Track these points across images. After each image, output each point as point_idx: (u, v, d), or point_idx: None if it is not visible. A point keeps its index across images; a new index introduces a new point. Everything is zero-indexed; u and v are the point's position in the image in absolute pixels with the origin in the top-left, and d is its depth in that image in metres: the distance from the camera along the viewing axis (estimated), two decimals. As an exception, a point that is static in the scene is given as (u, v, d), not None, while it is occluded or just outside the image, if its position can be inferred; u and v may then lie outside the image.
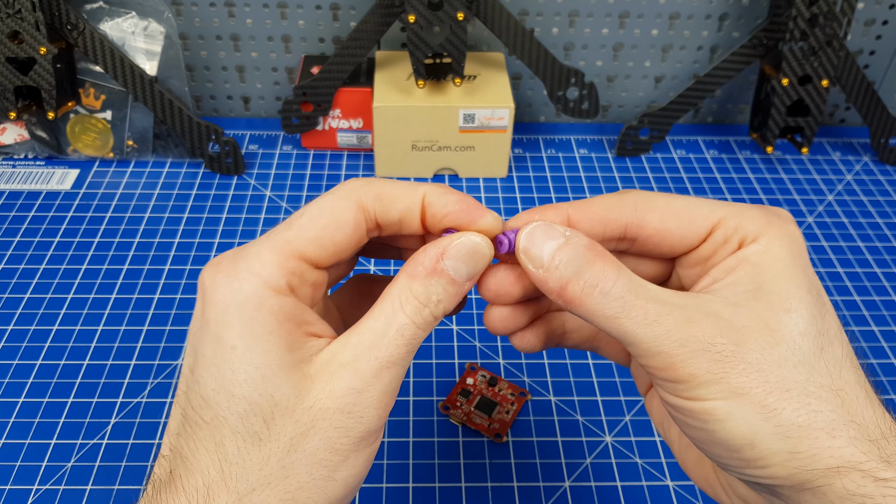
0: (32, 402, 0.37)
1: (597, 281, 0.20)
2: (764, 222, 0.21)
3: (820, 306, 0.20)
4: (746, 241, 0.21)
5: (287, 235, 0.20)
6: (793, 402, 0.19)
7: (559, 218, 0.22)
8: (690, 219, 0.22)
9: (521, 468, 0.34)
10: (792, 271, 0.21)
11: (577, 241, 0.21)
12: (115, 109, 0.51)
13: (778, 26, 0.50)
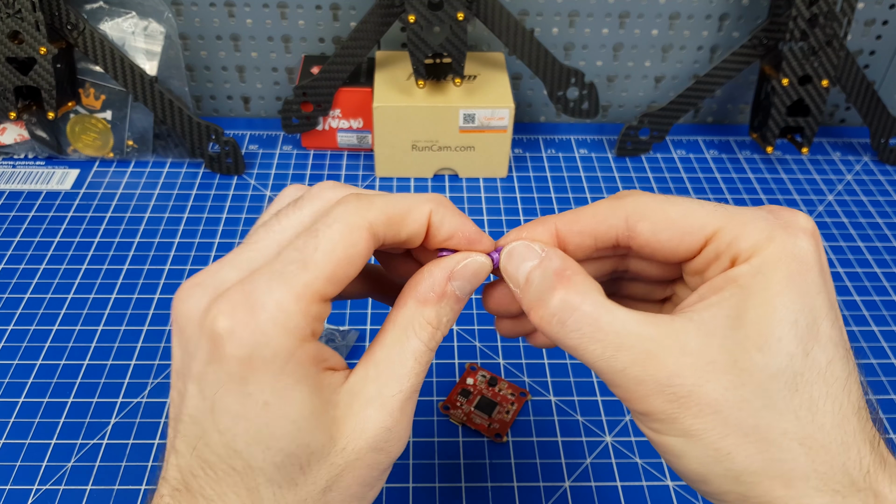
0: (32, 402, 0.37)
1: (555, 310, 0.20)
2: (764, 237, 0.20)
3: (807, 340, 0.19)
4: (739, 258, 0.20)
5: (306, 278, 0.19)
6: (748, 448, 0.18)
7: (546, 233, 0.22)
8: (683, 230, 0.21)
9: (521, 468, 0.34)
10: (778, 300, 0.19)
11: (549, 263, 0.21)
12: (115, 109, 0.51)
13: (778, 26, 0.50)
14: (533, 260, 0.21)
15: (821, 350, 0.19)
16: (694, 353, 0.19)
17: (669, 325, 0.19)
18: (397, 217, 0.21)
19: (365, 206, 0.20)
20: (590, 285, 0.20)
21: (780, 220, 0.20)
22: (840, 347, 0.19)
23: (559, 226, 0.22)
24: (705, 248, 0.21)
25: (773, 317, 0.19)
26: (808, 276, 0.19)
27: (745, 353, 0.19)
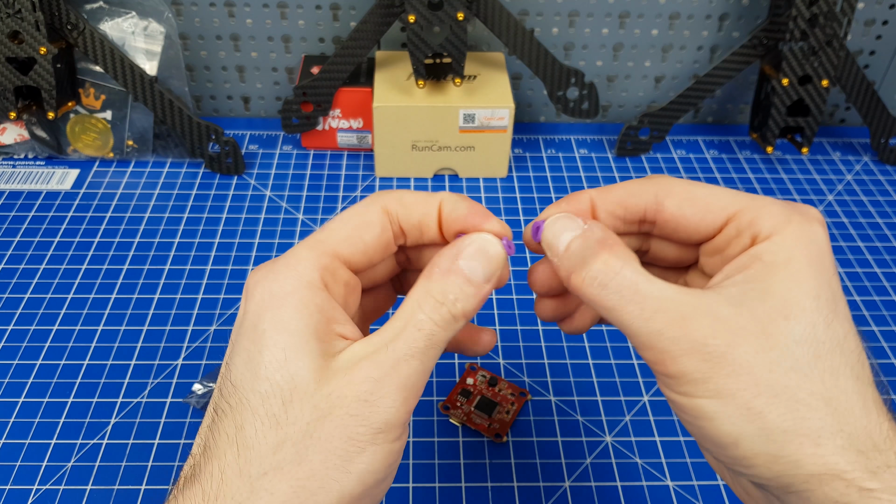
0: (32, 402, 0.37)
1: (597, 273, 0.21)
2: (783, 219, 0.21)
3: (827, 313, 0.20)
4: (759, 237, 0.21)
5: (320, 236, 0.22)
6: (780, 407, 0.19)
7: (583, 203, 0.24)
8: (707, 208, 0.22)
9: (522, 468, 0.34)
10: (801, 275, 0.20)
11: (591, 233, 0.22)
12: (115, 109, 0.51)
13: (778, 26, 0.50)
14: (575, 231, 0.22)
15: (839, 324, 0.20)
16: (726, 319, 0.20)
17: (702, 295, 0.21)
18: (409, 200, 0.23)
19: (382, 193, 0.24)
20: (629, 254, 0.22)
21: (796, 208, 0.22)
22: (853, 326, 0.21)
23: (593, 196, 0.24)
24: (726, 226, 0.22)
25: (798, 289, 0.20)
26: (824, 258, 0.21)
27: (773, 321, 0.20)
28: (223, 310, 0.42)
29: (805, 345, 0.20)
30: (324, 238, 0.22)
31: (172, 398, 0.37)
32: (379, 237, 0.23)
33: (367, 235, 0.23)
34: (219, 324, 0.41)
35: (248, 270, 0.45)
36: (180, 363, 0.39)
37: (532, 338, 0.41)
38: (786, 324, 0.20)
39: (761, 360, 0.20)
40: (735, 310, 0.20)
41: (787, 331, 0.20)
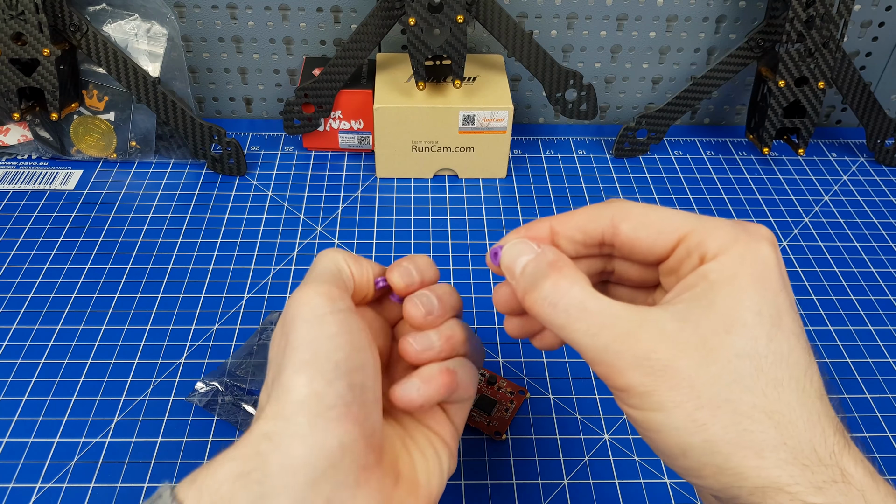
0: (36, 401, 0.37)
1: (547, 293, 0.23)
2: (730, 240, 0.22)
3: (770, 328, 0.21)
4: (707, 257, 0.22)
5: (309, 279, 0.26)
6: (722, 419, 0.20)
7: (542, 231, 0.25)
8: (659, 230, 0.23)
9: (521, 466, 0.35)
10: (744, 292, 0.21)
11: (543, 256, 0.23)
12: (119, 111, 0.51)
13: (774, 28, 0.51)
14: (529, 254, 0.24)
15: (783, 339, 0.21)
16: (669, 334, 0.21)
17: (647, 311, 0.22)
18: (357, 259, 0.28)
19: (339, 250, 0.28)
20: (579, 275, 0.23)
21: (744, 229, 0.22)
22: (801, 340, 0.21)
23: (553, 224, 0.25)
24: (678, 247, 0.23)
25: (740, 305, 0.21)
26: (770, 275, 0.21)
27: (715, 335, 0.20)
28: (225, 309, 0.42)
29: (746, 359, 0.20)
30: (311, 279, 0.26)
31: (175, 397, 0.37)
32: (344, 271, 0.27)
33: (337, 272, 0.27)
34: (221, 323, 0.41)
35: (250, 270, 0.45)
36: (183, 362, 0.39)
37: (531, 337, 0.41)
38: (727, 338, 0.20)
39: (703, 374, 0.20)
40: (679, 325, 0.21)
41: (729, 345, 0.20)
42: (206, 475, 0.22)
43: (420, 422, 0.28)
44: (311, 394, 0.22)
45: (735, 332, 0.20)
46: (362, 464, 0.23)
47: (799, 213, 0.52)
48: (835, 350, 0.41)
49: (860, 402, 0.38)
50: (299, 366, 0.23)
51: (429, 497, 0.25)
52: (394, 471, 0.25)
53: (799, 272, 0.47)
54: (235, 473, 0.21)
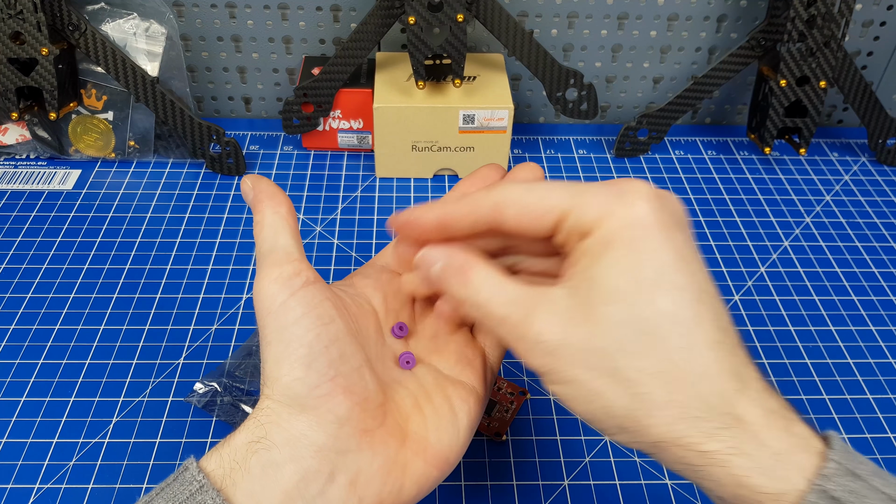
0: (34, 402, 0.37)
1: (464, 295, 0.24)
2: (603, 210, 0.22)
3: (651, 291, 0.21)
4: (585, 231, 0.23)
5: None
6: (614, 387, 0.21)
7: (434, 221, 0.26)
8: (539, 213, 0.24)
9: (521, 467, 0.34)
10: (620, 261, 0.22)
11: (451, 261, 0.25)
12: (117, 110, 0.51)
13: (776, 27, 0.50)
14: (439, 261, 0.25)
15: (665, 297, 0.21)
16: (561, 312, 0.22)
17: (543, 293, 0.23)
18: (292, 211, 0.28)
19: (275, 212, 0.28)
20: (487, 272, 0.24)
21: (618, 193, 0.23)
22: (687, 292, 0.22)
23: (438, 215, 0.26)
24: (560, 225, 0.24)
25: (617, 275, 0.22)
26: (647, 236, 0.22)
27: (596, 308, 0.22)
28: (224, 309, 0.42)
29: (627, 326, 0.21)
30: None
31: (174, 397, 0.37)
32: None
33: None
34: (220, 323, 0.41)
35: (249, 270, 0.45)
36: (181, 362, 0.39)
37: (531, 337, 0.41)
38: (607, 309, 0.22)
39: (591, 346, 0.22)
40: (569, 301, 0.22)
41: (609, 316, 0.21)
42: (226, 444, 0.23)
43: (445, 374, 0.27)
44: (293, 381, 0.23)
45: (613, 301, 0.21)
46: (362, 428, 0.24)
47: (800, 212, 0.52)
48: (837, 350, 0.41)
49: (862, 403, 0.38)
50: (275, 358, 0.24)
51: (439, 456, 0.25)
52: (400, 431, 0.25)
53: (800, 272, 0.47)
54: (248, 440, 0.23)
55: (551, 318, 0.22)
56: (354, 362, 0.24)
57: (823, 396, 0.38)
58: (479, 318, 0.24)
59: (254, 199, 0.27)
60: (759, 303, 0.44)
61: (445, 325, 0.28)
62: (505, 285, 0.24)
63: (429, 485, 0.25)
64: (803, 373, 0.40)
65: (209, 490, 0.22)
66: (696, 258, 0.23)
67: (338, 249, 0.47)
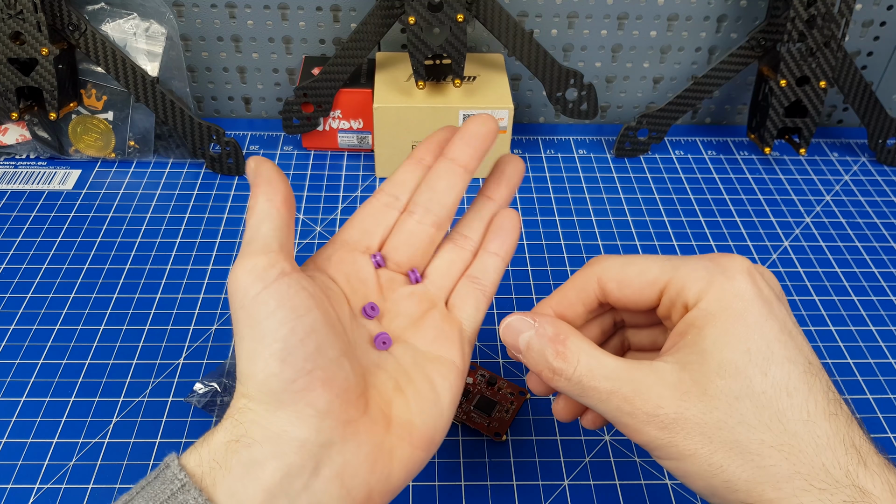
0: (34, 402, 0.37)
1: (558, 370, 0.24)
2: (705, 284, 0.23)
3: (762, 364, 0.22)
4: (689, 304, 0.24)
5: None
6: (737, 460, 0.21)
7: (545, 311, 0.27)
8: (641, 286, 0.25)
9: (521, 467, 0.34)
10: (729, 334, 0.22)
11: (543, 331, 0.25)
12: (117, 110, 0.51)
13: (776, 27, 0.50)
14: (529, 330, 0.25)
15: (778, 369, 0.22)
16: (672, 386, 0.22)
17: (650, 367, 0.23)
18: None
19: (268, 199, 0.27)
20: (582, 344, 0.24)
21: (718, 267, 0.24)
22: (797, 364, 0.22)
23: (552, 305, 0.27)
24: (662, 297, 0.25)
25: (728, 348, 0.22)
26: (751, 309, 0.23)
27: (712, 382, 0.22)
28: (224, 309, 0.42)
29: (745, 399, 0.22)
30: None
31: (174, 397, 0.37)
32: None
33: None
34: (220, 323, 0.41)
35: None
36: (181, 362, 0.39)
37: (531, 337, 0.41)
38: (723, 383, 0.22)
39: (709, 420, 0.22)
40: (679, 375, 0.23)
41: (726, 390, 0.22)
42: (204, 443, 0.23)
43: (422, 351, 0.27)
44: (269, 377, 0.23)
45: (728, 375, 0.22)
46: (345, 419, 0.23)
47: (800, 212, 0.52)
48: (836, 350, 0.41)
49: (862, 403, 0.38)
50: (248, 355, 0.23)
51: (424, 437, 0.25)
52: (384, 417, 0.25)
53: (800, 272, 0.47)
54: (227, 440, 0.23)
55: (664, 391, 0.22)
56: (332, 353, 0.24)
57: (823, 396, 0.38)
58: (577, 394, 0.24)
59: (252, 182, 0.26)
60: (759, 303, 0.44)
61: (418, 305, 0.28)
62: (604, 358, 0.24)
63: (417, 467, 0.25)
64: (803, 373, 0.40)
65: (191, 489, 0.22)
66: (798, 331, 0.23)
67: (338, 249, 0.47)
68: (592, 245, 0.48)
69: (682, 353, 0.23)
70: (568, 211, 0.51)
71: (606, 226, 0.50)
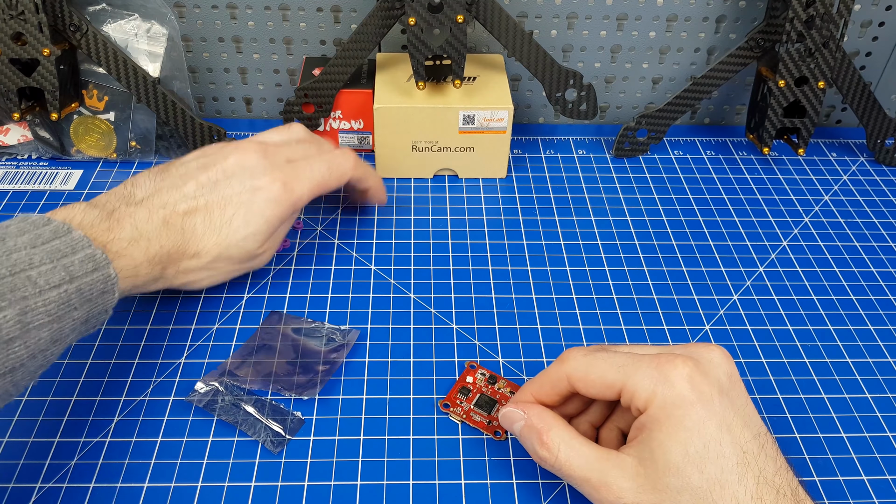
0: (35, 401, 0.37)
1: (542, 457, 0.30)
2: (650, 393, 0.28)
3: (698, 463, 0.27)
4: (640, 408, 0.29)
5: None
6: None
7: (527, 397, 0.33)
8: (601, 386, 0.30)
9: (521, 465, 0.35)
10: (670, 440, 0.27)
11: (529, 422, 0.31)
12: (119, 111, 0.51)
13: (774, 28, 0.51)
14: (520, 420, 0.31)
15: (712, 465, 0.27)
16: (631, 478, 0.28)
17: (616, 458, 0.28)
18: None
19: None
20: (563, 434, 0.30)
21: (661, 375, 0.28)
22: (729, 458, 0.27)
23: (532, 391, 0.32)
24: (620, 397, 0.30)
25: (670, 450, 0.27)
26: (689, 415, 0.27)
27: (660, 479, 0.27)
28: (225, 308, 0.42)
29: (685, 493, 0.27)
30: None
31: (175, 396, 0.37)
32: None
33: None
34: (221, 323, 0.41)
35: (250, 270, 0.45)
36: (183, 362, 0.39)
37: (531, 336, 0.41)
38: (668, 480, 0.27)
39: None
40: (636, 469, 0.28)
41: (671, 485, 0.27)
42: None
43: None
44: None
45: (671, 474, 0.27)
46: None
47: (799, 212, 0.52)
48: (835, 350, 0.41)
49: (861, 402, 0.38)
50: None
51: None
52: None
53: (799, 272, 0.47)
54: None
55: (625, 483, 0.28)
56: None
57: (822, 395, 0.39)
58: (563, 475, 0.30)
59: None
60: (757, 302, 0.44)
61: None
62: (580, 448, 0.29)
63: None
64: (802, 372, 0.40)
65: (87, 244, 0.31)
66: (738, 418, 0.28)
67: (338, 249, 0.47)
68: (592, 245, 0.48)
69: (639, 448, 0.28)
70: (567, 211, 0.51)
71: (605, 226, 0.50)
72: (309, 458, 0.35)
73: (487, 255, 0.47)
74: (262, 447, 0.35)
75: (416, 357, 0.40)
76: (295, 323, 0.41)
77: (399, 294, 0.44)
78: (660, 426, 0.27)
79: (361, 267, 0.46)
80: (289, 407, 0.37)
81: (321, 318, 0.42)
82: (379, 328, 0.41)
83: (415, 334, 0.41)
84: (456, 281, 0.45)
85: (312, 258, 0.46)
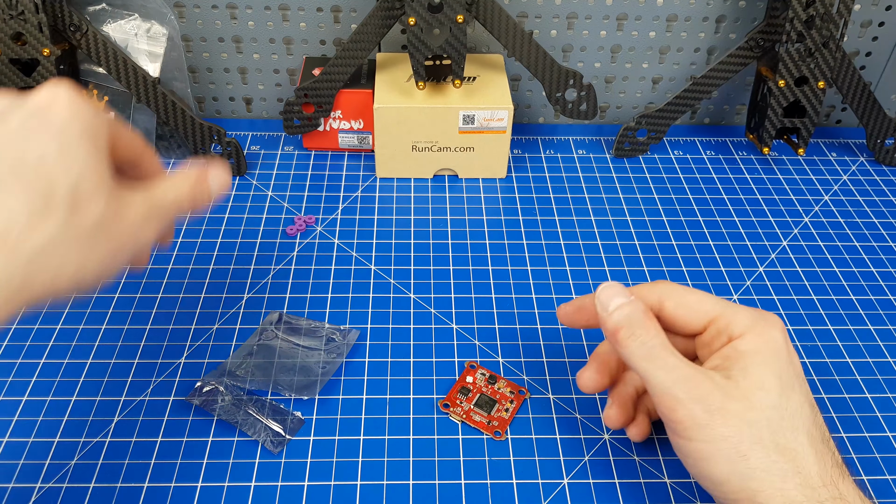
0: (36, 401, 0.37)
1: (640, 333, 0.30)
2: (750, 324, 0.30)
3: (787, 389, 0.29)
4: (734, 336, 0.30)
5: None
6: (759, 452, 0.27)
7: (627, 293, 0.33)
8: (695, 312, 0.31)
9: (521, 465, 0.35)
10: (767, 363, 0.29)
11: (638, 304, 0.31)
12: (118, 110, 0.51)
13: (774, 28, 0.51)
14: (624, 298, 0.31)
15: (795, 398, 0.29)
16: (721, 386, 0.29)
17: (705, 371, 0.29)
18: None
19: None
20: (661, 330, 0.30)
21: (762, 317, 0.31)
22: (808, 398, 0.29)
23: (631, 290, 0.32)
24: (709, 327, 0.31)
25: (767, 372, 0.29)
26: (781, 353, 0.30)
27: (753, 392, 0.28)
28: (225, 308, 0.42)
29: (774, 410, 0.28)
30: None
31: (175, 396, 0.37)
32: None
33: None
34: (221, 323, 0.41)
35: (249, 270, 0.45)
36: (183, 362, 0.39)
37: (531, 336, 0.41)
38: (761, 394, 0.28)
39: (745, 417, 0.28)
40: (726, 381, 0.29)
41: (763, 399, 0.28)
42: None
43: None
44: None
45: (766, 390, 0.28)
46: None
47: (799, 212, 0.52)
48: (835, 350, 0.41)
49: (860, 402, 0.38)
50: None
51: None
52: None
53: (799, 272, 0.47)
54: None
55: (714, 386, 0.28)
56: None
57: (822, 395, 0.39)
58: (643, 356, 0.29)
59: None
60: (757, 302, 0.44)
61: None
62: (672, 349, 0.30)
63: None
64: (802, 372, 0.40)
65: None
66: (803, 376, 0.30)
67: (338, 249, 0.47)
68: (592, 245, 0.48)
69: (728, 369, 0.29)
70: (567, 211, 0.51)
71: (605, 226, 0.50)
72: (309, 458, 0.35)
73: (487, 255, 0.47)
74: (262, 447, 0.35)
75: (416, 357, 0.40)
76: (295, 323, 0.41)
77: (399, 294, 0.44)
78: (757, 351, 0.29)
79: (361, 267, 0.46)
80: (289, 407, 0.37)
81: (321, 318, 0.42)
82: (379, 328, 0.41)
83: (415, 334, 0.41)
84: (456, 281, 0.45)
85: (312, 258, 0.46)
